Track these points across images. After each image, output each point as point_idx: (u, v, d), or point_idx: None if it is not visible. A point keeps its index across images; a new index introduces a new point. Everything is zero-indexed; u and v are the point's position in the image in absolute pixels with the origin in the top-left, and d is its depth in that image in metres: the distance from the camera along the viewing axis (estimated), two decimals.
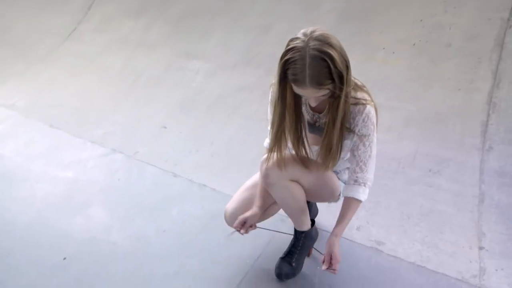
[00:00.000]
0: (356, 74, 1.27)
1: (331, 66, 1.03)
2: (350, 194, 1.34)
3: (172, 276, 1.57)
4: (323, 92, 1.08)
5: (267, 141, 1.48)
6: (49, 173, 2.22)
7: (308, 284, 1.53)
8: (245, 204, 1.46)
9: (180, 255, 1.67)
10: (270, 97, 1.37)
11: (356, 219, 1.83)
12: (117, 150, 2.43)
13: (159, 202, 1.99)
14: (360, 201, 1.34)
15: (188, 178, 2.16)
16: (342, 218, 1.36)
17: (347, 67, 1.09)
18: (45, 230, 1.81)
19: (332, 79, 1.06)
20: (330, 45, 1.04)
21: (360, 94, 1.22)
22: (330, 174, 1.38)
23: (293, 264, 1.51)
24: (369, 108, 1.20)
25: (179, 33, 3.33)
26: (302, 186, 1.36)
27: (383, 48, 2.60)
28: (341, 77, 1.07)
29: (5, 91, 3.23)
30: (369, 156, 1.28)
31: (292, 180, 1.33)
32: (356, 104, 1.20)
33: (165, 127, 2.63)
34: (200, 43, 3.19)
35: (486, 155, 1.97)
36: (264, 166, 1.31)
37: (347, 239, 1.74)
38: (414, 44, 2.52)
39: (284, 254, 1.55)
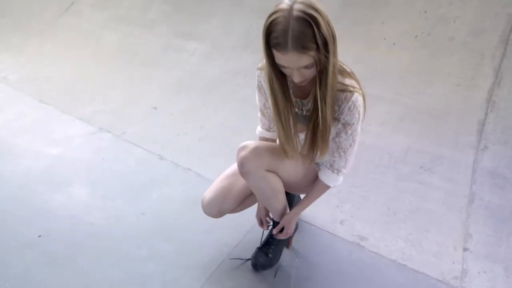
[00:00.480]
0: (356, 63, 1.20)
1: (315, 29, 0.97)
2: (321, 177, 1.31)
3: (145, 259, 1.53)
4: (307, 61, 1.00)
5: (259, 129, 1.42)
6: (33, 149, 2.19)
7: (285, 276, 1.49)
8: (223, 194, 1.41)
9: (156, 239, 1.63)
10: (256, 82, 1.31)
11: (341, 212, 1.79)
12: (105, 129, 2.38)
13: (141, 184, 1.95)
14: (328, 187, 1.31)
15: (174, 162, 2.11)
16: (306, 198, 1.36)
17: (333, 36, 1.02)
18: (23, 206, 1.78)
19: (317, 45, 0.99)
20: (316, 9, 0.98)
21: (348, 81, 1.15)
22: (310, 166, 1.33)
23: (270, 255, 1.47)
24: (357, 96, 1.13)
25: (179, 13, 3.24)
26: (281, 177, 1.31)
27: (384, 39, 2.51)
28: (326, 44, 1.00)
29: (1, 63, 3.18)
30: (350, 145, 1.22)
31: (269, 171, 1.27)
32: (343, 90, 1.13)
33: (155, 108, 2.58)
34: (200, 24, 3.11)
35: (480, 155, 1.90)
36: (240, 154, 1.25)
37: (329, 232, 1.69)
38: (416, 36, 2.43)
39: (261, 244, 1.51)
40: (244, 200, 1.46)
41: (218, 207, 1.42)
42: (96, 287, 1.42)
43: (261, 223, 1.49)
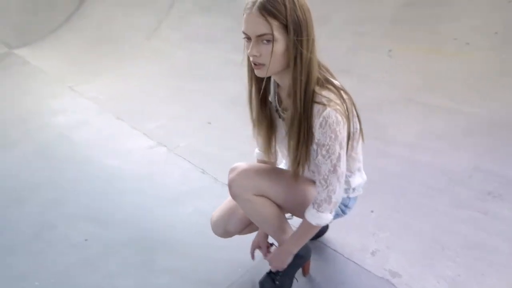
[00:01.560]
0: (414, 68, 1.06)
1: (288, 5, 0.93)
2: (305, 213, 1.17)
3: (161, 272, 1.58)
4: (264, 29, 0.94)
5: (256, 150, 1.37)
6: (99, 160, 2.46)
7: None
8: (228, 214, 1.37)
9: (176, 252, 1.67)
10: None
11: (375, 241, 1.57)
12: (162, 144, 2.55)
13: (179, 196, 2.02)
14: (311, 225, 1.14)
15: (214, 176, 2.15)
16: (296, 235, 1.23)
17: (308, 29, 0.97)
18: (77, 210, 2.01)
19: (286, 21, 0.94)
20: None
21: (325, 93, 1.02)
22: (302, 186, 1.20)
23: (277, 282, 1.37)
24: (329, 112, 0.99)
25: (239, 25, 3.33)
26: (274, 201, 1.22)
27: (455, 39, 2.15)
28: (298, 30, 0.95)
29: (94, 84, 3.69)
30: (330, 171, 1.06)
31: (258, 195, 1.19)
32: (317, 102, 1.01)
33: (209, 123, 2.67)
34: None
35: None
36: (229, 176, 1.20)
37: (356, 263, 1.50)
38: (496, 33, 2.03)
39: (270, 269, 1.42)
40: (251, 223, 1.39)
41: (223, 228, 1.39)
42: None
43: (252, 251, 1.42)
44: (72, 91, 3.62)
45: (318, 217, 1.12)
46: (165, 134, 2.66)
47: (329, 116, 0.99)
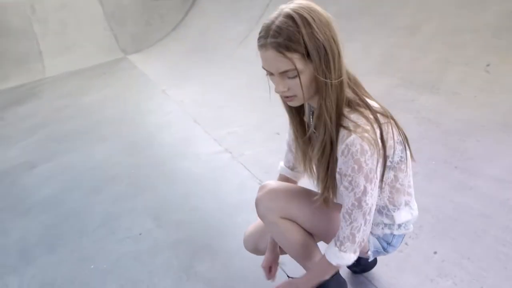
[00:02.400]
0: None
1: (303, 30, 0.84)
2: (326, 250, 1.04)
3: (198, 279, 1.58)
4: (286, 65, 0.86)
5: (281, 165, 1.28)
6: (172, 160, 2.60)
7: None
8: (261, 231, 1.30)
9: (218, 261, 1.65)
10: None
11: None
12: (228, 150, 2.59)
13: (233, 205, 2.01)
14: (330, 264, 1.00)
15: None
16: (311, 272, 1.11)
17: (332, 48, 0.86)
18: (137, 207, 2.15)
19: (304, 49, 0.85)
20: (312, 10, 0.86)
21: (354, 116, 0.89)
22: (333, 213, 1.07)
23: None
24: (353, 140, 0.86)
25: None
26: (302, 226, 1.11)
27: None
28: (320, 53, 0.85)
29: (182, 89, 3.96)
30: (354, 205, 0.92)
31: (286, 218, 1.10)
32: (344, 127, 0.89)
33: (278, 134, 2.62)
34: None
35: None
36: (257, 194, 1.14)
37: None
38: None
39: None
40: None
41: (253, 245, 1.33)
42: None
43: (268, 271, 1.28)
44: (163, 94, 3.94)
45: (339, 256, 0.98)
46: (234, 141, 2.69)
47: (353, 144, 0.87)
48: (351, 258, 0.98)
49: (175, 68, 4.81)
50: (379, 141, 0.90)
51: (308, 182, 1.21)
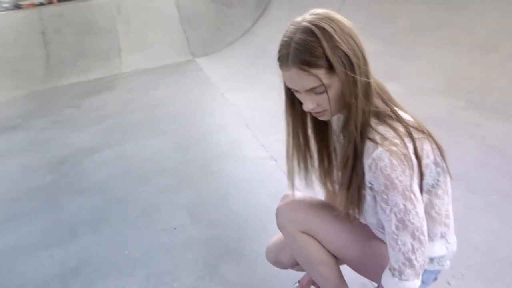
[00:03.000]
0: None
1: (324, 43, 0.80)
2: (381, 279, 0.92)
3: (219, 281, 1.57)
4: (312, 82, 0.82)
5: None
6: (220, 161, 2.64)
7: None
8: (283, 242, 1.26)
9: (243, 266, 1.63)
10: None
11: None
12: (273, 158, 2.57)
13: (267, 213, 1.97)
14: None
15: None
16: None
17: (361, 57, 0.82)
18: (181, 199, 2.20)
19: (328, 63, 0.81)
20: (331, 20, 0.82)
21: (382, 128, 0.82)
22: (361, 234, 0.99)
23: None
24: (380, 153, 0.79)
25: (388, 49, 3.06)
26: (322, 244, 1.04)
27: None
28: (345, 64, 0.81)
29: (240, 93, 4.03)
30: (398, 227, 0.83)
31: (305, 232, 1.04)
32: (370, 139, 0.82)
33: None
34: (404, 62, 2.82)
35: None
36: (278, 204, 1.10)
37: None
38: None
39: None
40: None
41: (274, 256, 1.28)
42: None
43: None
44: (222, 97, 4.04)
45: (395, 285, 0.87)
46: (281, 149, 2.64)
47: (380, 159, 0.80)
48: (416, 284, 0.87)
49: (237, 73, 4.92)
50: (413, 156, 0.82)
51: None
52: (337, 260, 1.09)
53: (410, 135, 0.83)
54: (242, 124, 3.22)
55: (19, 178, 2.98)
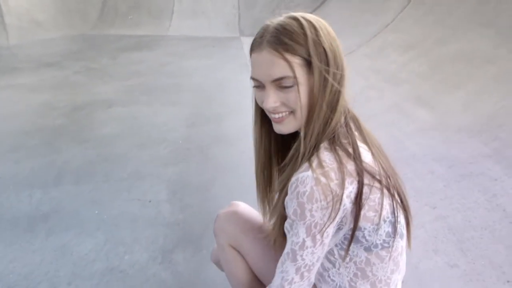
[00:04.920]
0: None
1: (309, 33, 0.70)
2: None
3: (161, 259, 1.53)
4: (282, 70, 0.71)
5: None
6: (217, 143, 2.59)
7: None
8: None
9: (190, 256, 1.59)
10: None
11: None
12: None
13: None
14: None
15: None
16: None
17: (340, 64, 0.74)
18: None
19: (306, 54, 0.71)
20: (319, 20, 0.74)
21: (328, 155, 0.70)
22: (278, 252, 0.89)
23: None
24: (306, 178, 0.68)
25: (433, 73, 2.81)
26: (247, 262, 0.96)
27: None
28: (322, 63, 0.71)
29: None
30: (288, 254, 0.73)
31: (235, 247, 0.96)
32: (308, 160, 0.71)
33: None
34: (445, 89, 2.58)
35: None
36: (224, 209, 1.02)
37: None
38: None
39: None
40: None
41: (215, 257, 1.21)
42: None
43: None
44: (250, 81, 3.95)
45: None
46: None
47: (303, 182, 0.68)
48: None
49: None
50: (347, 200, 0.69)
51: None
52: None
53: (358, 177, 0.70)
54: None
55: (35, 114, 3.09)
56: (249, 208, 1.04)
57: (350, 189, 0.70)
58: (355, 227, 0.72)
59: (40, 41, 6.11)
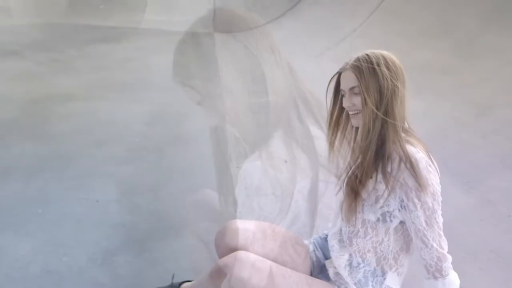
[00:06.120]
0: None
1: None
2: None
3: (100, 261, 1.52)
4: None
5: None
6: (177, 144, 2.56)
7: None
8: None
9: (132, 259, 1.58)
10: None
11: None
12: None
13: (190, 214, 1.91)
14: None
15: None
16: None
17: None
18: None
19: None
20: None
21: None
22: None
23: None
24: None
25: None
26: None
27: None
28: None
29: None
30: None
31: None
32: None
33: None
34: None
35: None
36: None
37: None
38: None
39: None
40: None
41: None
42: None
43: None
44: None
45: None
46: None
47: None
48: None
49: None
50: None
51: None
52: None
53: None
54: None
55: None
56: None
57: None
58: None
59: (3, 28, 5.86)
